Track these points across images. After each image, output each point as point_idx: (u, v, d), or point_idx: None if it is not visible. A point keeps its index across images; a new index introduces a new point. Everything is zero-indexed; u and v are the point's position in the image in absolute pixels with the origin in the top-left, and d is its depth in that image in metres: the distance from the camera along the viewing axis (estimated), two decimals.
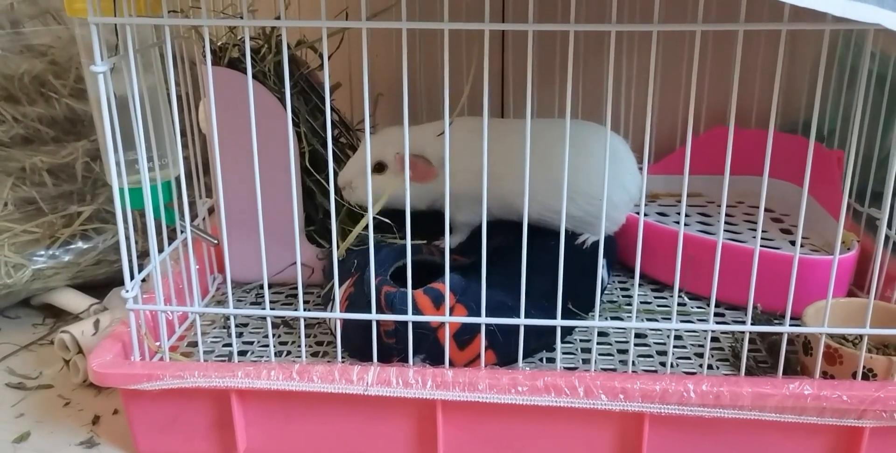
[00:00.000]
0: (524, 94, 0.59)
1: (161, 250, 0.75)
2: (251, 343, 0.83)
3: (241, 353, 0.80)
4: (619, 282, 0.96)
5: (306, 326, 0.85)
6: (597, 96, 1.12)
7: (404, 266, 0.69)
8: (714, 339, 0.82)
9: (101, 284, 1.00)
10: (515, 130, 0.85)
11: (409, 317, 0.69)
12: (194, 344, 0.79)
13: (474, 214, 0.66)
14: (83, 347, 0.83)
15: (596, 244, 0.83)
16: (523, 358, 0.71)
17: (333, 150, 0.66)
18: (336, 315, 0.71)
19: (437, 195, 0.85)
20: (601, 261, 0.71)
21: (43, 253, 0.96)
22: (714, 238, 0.76)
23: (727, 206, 1.06)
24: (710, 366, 0.77)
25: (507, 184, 0.80)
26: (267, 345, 0.75)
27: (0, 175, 0.95)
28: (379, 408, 0.69)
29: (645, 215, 0.69)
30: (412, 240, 0.67)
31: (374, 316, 0.69)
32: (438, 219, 0.87)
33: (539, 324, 0.69)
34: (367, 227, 0.67)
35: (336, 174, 0.85)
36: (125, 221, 0.68)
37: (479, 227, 0.68)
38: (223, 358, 0.79)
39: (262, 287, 0.71)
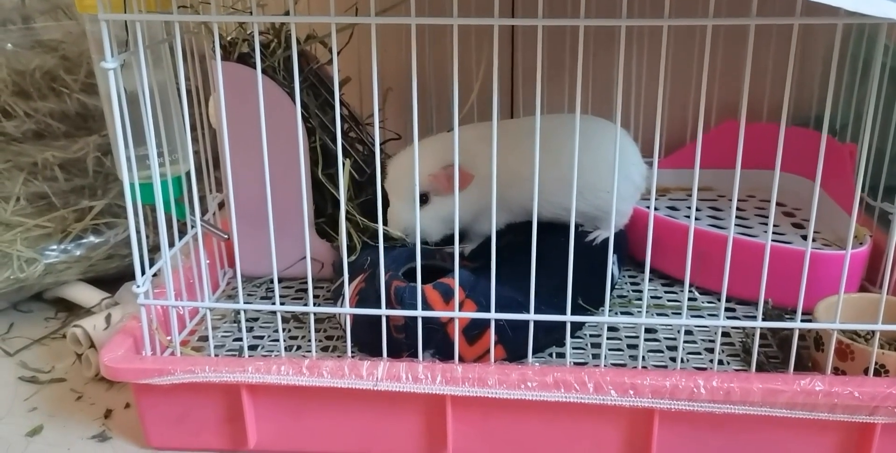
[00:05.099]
0: (534, 90, 0.59)
1: (172, 245, 0.75)
2: (261, 337, 0.83)
3: (252, 348, 0.80)
4: (630, 276, 0.96)
5: (316, 321, 0.85)
6: (607, 91, 1.12)
7: (415, 268, 0.69)
8: (725, 334, 0.81)
9: (112, 278, 1.01)
10: (530, 132, 0.84)
11: (419, 313, 0.69)
12: (205, 339, 0.79)
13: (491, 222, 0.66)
14: (95, 341, 0.84)
15: (607, 240, 0.83)
16: (533, 354, 0.71)
17: (343, 144, 0.66)
18: (346, 310, 0.71)
19: (479, 203, 0.83)
20: (611, 256, 0.71)
21: (55, 247, 0.97)
22: (725, 232, 0.76)
23: (738, 200, 1.05)
24: (720, 362, 0.77)
25: (530, 186, 0.79)
26: (277, 340, 0.75)
27: (12, 170, 0.96)
28: (388, 404, 0.69)
29: (655, 210, 0.69)
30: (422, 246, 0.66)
31: (383, 311, 0.69)
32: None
33: (549, 320, 0.69)
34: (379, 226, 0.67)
35: (345, 166, 0.85)
36: (136, 216, 0.68)
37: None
38: (234, 353, 0.80)
39: (272, 281, 0.71)
